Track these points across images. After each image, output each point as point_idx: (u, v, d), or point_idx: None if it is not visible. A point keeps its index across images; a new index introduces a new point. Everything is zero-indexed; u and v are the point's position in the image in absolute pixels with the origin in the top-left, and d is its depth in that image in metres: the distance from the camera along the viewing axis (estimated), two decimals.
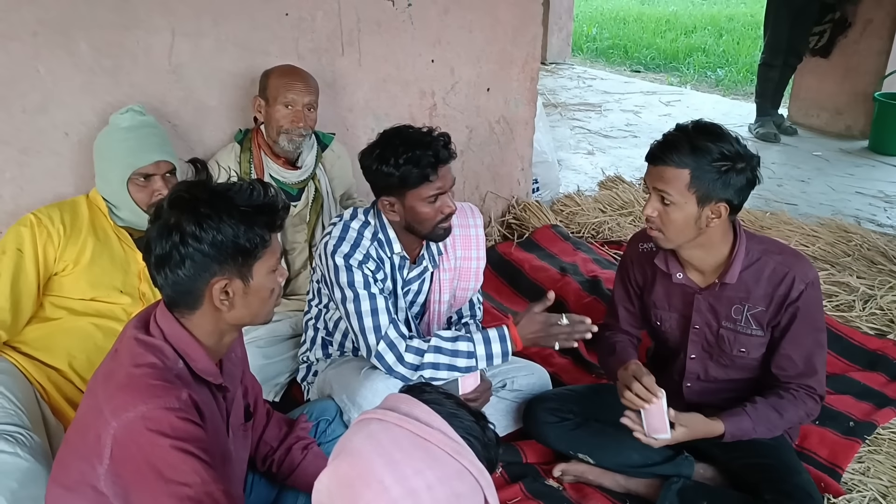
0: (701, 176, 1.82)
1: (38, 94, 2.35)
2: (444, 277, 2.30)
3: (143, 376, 1.35)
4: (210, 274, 1.40)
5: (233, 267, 1.41)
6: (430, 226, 2.07)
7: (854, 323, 2.97)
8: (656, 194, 1.89)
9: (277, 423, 1.84)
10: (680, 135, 1.87)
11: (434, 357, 2.03)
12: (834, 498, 2.12)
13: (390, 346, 2.02)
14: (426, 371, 2.03)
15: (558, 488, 2.21)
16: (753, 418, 1.97)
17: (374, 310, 2.03)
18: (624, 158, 5.19)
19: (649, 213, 1.91)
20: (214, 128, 2.76)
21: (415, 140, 1.99)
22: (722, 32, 10.09)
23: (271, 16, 2.76)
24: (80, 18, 2.36)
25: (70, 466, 1.40)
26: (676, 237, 1.93)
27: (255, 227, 1.40)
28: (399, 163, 1.96)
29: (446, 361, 2.04)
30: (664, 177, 1.86)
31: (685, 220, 1.88)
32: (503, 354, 2.06)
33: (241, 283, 1.43)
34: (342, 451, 1.03)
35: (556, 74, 7.79)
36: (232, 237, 1.38)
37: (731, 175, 1.82)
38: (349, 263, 2.05)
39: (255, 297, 1.46)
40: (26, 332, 2.13)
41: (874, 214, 4.33)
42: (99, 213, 2.23)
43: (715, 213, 1.87)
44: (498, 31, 3.48)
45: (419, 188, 2.00)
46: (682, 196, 1.84)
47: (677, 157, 1.83)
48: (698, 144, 1.82)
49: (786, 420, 2.00)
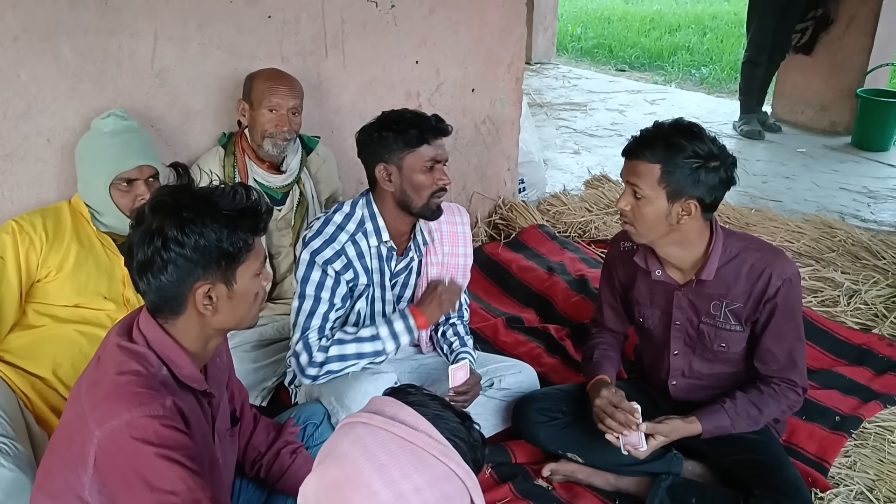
0: (672, 171, 1.87)
1: (22, 100, 2.33)
2: (432, 272, 2.32)
3: (127, 384, 1.34)
4: (193, 279, 1.39)
5: (216, 272, 1.40)
6: (424, 195, 2.11)
7: (839, 318, 2.99)
8: (629, 188, 1.94)
9: (265, 428, 1.83)
10: (656, 132, 1.92)
11: (338, 349, 2.10)
12: (821, 492, 2.14)
13: (306, 348, 2.10)
14: (333, 364, 2.09)
15: (548, 488, 2.21)
16: (731, 415, 2.02)
17: (312, 313, 2.10)
18: (610, 157, 5.21)
19: (622, 206, 1.96)
20: (200, 132, 2.74)
21: (414, 111, 2.13)
22: (706, 31, 10.13)
23: (256, 19, 2.75)
24: (63, 24, 2.34)
25: (55, 474, 1.39)
26: (647, 232, 1.96)
27: (238, 231, 1.39)
28: (401, 127, 2.06)
29: (353, 351, 2.10)
30: (636, 170, 1.91)
31: (656, 215, 1.91)
32: (407, 331, 2.13)
33: (225, 287, 1.42)
34: (328, 456, 1.03)
35: (541, 74, 7.80)
36: (215, 241, 1.37)
37: (701, 172, 1.86)
38: (314, 260, 2.10)
39: (240, 301, 1.45)
40: (10, 340, 2.11)
41: (858, 210, 4.36)
42: (82, 219, 2.22)
43: (685, 210, 1.90)
44: (484, 32, 3.49)
45: (418, 150, 2.06)
46: (653, 191, 1.89)
47: (650, 153, 1.88)
48: (672, 141, 1.88)
49: (766, 415, 2.04)
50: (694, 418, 2.02)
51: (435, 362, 2.45)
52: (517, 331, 2.98)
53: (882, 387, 2.57)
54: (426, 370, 2.44)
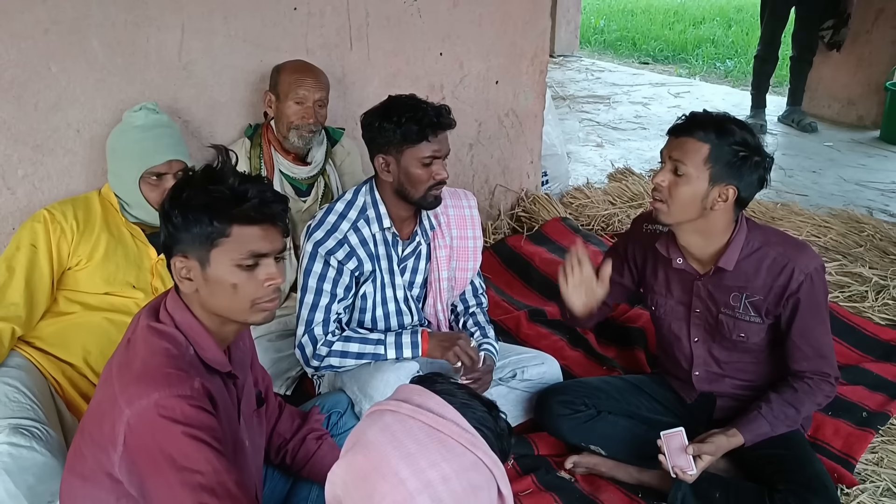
0: (720, 155, 1.87)
1: (52, 93, 2.37)
2: (441, 255, 2.32)
3: (158, 365, 1.36)
4: (176, 250, 1.44)
5: (193, 249, 1.42)
6: (421, 189, 2.11)
7: (867, 314, 2.95)
8: (671, 163, 1.92)
9: (290, 416, 1.85)
10: (707, 114, 1.93)
11: (342, 345, 2.14)
12: (847, 488, 2.12)
13: (311, 340, 2.13)
14: (333, 359, 2.14)
15: (571, 480, 2.21)
16: (770, 419, 1.99)
17: (315, 305, 2.13)
18: (633, 150, 5.18)
19: (659, 180, 1.93)
20: (226, 124, 2.77)
21: (418, 102, 2.10)
22: (731, 23, 10.00)
23: (281, 11, 2.77)
24: (92, 17, 2.37)
25: (85, 455, 1.41)
26: (679, 212, 1.94)
27: (214, 215, 1.39)
28: (402, 120, 2.04)
29: (355, 350, 2.14)
30: (684, 147, 1.90)
31: (692, 196, 1.90)
32: (412, 346, 2.15)
33: (199, 266, 1.43)
34: (356, 444, 1.04)
35: (564, 67, 7.76)
36: (192, 221, 1.40)
37: (747, 163, 1.87)
38: (316, 251, 2.13)
39: (216, 285, 1.43)
40: (41, 327, 2.14)
41: (886, 205, 4.30)
42: (111, 209, 2.25)
43: (723, 195, 1.89)
44: (507, 25, 3.48)
45: (417, 146, 2.06)
46: (697, 169, 1.88)
47: (701, 132, 1.88)
48: (724, 125, 1.89)
49: (803, 412, 2.02)
50: (735, 430, 1.98)
51: None
52: (540, 324, 2.98)
53: None
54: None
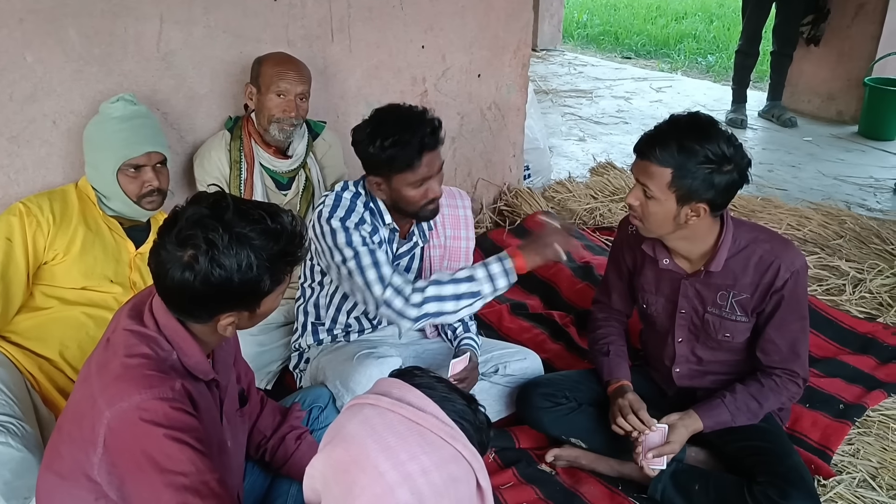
0: (683, 176, 1.83)
1: (28, 83, 2.33)
2: (434, 254, 2.32)
3: (137, 367, 1.35)
4: (219, 312, 1.40)
5: (242, 305, 1.41)
6: (415, 207, 2.09)
7: (844, 307, 2.98)
8: (640, 185, 1.91)
9: (271, 412, 1.84)
10: (669, 130, 1.87)
11: (436, 289, 2.00)
12: (824, 480, 2.14)
13: (397, 292, 2.01)
14: (431, 305, 2.00)
15: (551, 473, 2.22)
16: (731, 409, 2.02)
17: (376, 262, 2.03)
18: (615, 145, 5.19)
19: (631, 201, 1.95)
20: (206, 116, 2.74)
21: (404, 123, 2.00)
22: (712, 18, 10.04)
23: (261, 2, 2.73)
24: (69, 6, 2.33)
25: (63, 454, 1.40)
26: (655, 229, 1.96)
27: (274, 271, 1.39)
28: (385, 146, 1.97)
29: (450, 292, 2.00)
30: (648, 171, 1.88)
31: (664, 215, 1.90)
32: (504, 273, 2.01)
33: (248, 313, 1.44)
34: (336, 437, 1.04)
35: (546, 61, 7.76)
36: (252, 280, 1.36)
37: (714, 176, 1.83)
38: (346, 225, 2.06)
39: (260, 317, 1.48)
40: (17, 321, 2.12)
41: (864, 199, 4.34)
42: (89, 202, 2.22)
43: (694, 211, 1.88)
44: (490, 17, 3.47)
45: (404, 173, 2.02)
46: (663, 193, 1.86)
47: (661, 155, 1.84)
48: (685, 144, 1.82)
49: (766, 407, 2.05)
50: (696, 416, 2.01)
51: (439, 347, 2.46)
52: (521, 317, 2.99)
53: (886, 375, 2.57)
54: (431, 355, 2.44)
